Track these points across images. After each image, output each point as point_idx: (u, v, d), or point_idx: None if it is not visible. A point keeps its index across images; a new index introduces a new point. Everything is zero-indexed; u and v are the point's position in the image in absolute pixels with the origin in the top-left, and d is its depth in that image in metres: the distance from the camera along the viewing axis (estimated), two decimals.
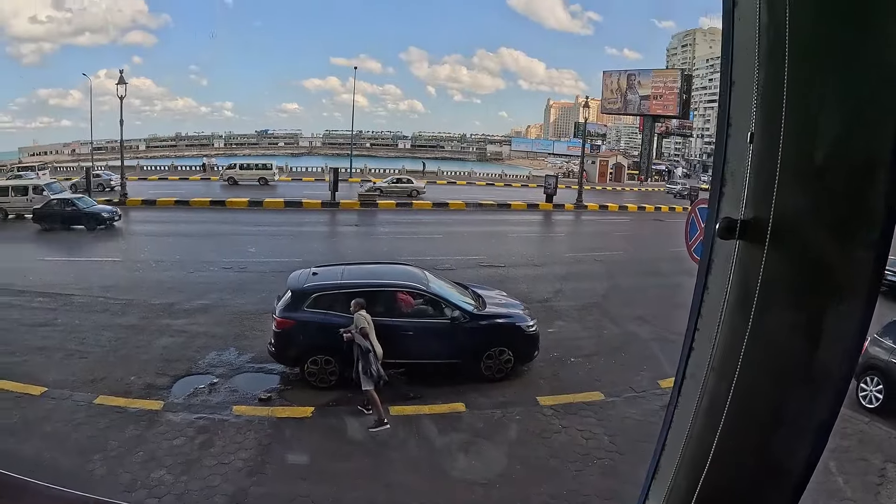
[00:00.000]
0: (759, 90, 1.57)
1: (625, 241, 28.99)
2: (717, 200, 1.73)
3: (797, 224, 1.53)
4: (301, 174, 50.13)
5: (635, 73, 72.40)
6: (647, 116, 72.21)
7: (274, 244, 23.55)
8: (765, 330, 1.60)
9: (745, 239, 1.62)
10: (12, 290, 15.78)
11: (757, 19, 1.56)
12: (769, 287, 1.57)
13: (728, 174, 1.70)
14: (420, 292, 11.34)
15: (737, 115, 1.67)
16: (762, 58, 1.55)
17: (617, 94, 73.57)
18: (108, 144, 64.81)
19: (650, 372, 11.77)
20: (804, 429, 1.61)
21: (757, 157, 1.58)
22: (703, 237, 1.86)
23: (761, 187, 1.57)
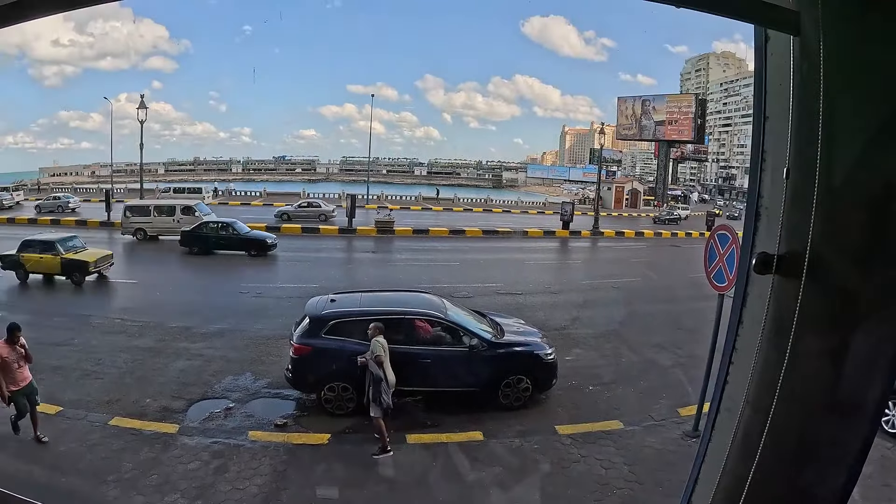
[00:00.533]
0: (794, 125, 1.56)
1: (642, 268, 28.84)
2: (752, 235, 1.72)
3: (834, 258, 1.51)
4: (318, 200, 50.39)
5: (650, 98, 72.48)
6: (662, 142, 72.18)
7: (291, 270, 23.73)
8: (801, 363, 1.57)
9: (781, 273, 1.60)
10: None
11: (790, 54, 1.55)
12: (806, 321, 1.55)
13: (763, 209, 1.68)
14: (438, 320, 11.29)
15: (771, 150, 1.66)
16: (796, 92, 1.55)
17: (632, 119, 73.64)
18: (128, 167, 65.75)
19: (669, 400, 11.61)
20: (839, 459, 1.59)
21: (792, 191, 1.57)
22: (738, 272, 1.84)
23: (797, 222, 1.55)
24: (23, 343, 9.35)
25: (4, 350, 9.19)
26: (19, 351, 9.29)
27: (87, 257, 20.49)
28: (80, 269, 20.03)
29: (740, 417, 1.74)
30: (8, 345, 9.24)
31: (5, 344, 9.24)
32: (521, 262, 27.45)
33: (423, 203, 52.47)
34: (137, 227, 28.92)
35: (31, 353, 9.42)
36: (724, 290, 9.49)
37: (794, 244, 1.55)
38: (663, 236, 41.59)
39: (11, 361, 9.19)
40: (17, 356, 9.25)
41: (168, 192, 42.66)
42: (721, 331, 9.41)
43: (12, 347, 9.24)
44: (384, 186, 66.20)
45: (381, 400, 9.37)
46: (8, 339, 9.26)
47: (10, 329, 9.33)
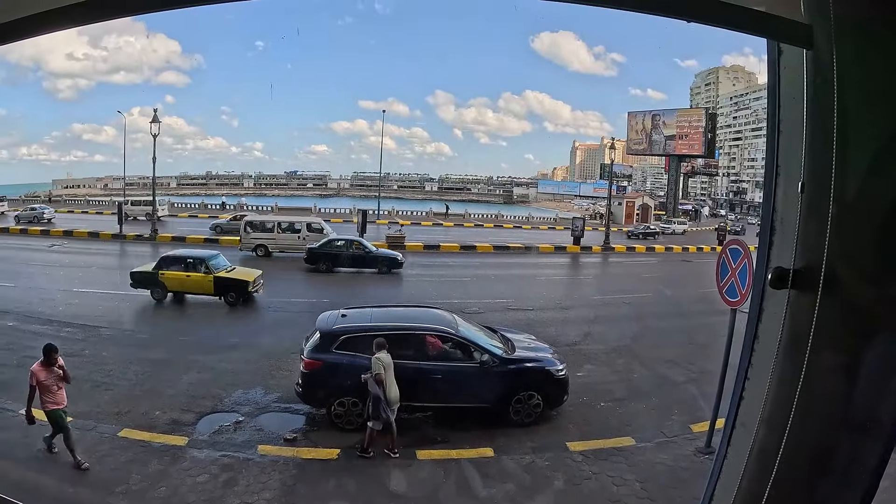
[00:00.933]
0: (808, 138, 1.55)
1: (653, 283, 28.73)
2: (767, 249, 1.70)
3: (850, 272, 1.50)
4: (330, 215, 50.69)
5: (660, 113, 72.49)
6: (672, 156, 72.08)
7: (301, 285, 23.79)
8: (817, 379, 1.56)
9: (796, 288, 1.59)
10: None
11: (803, 68, 1.55)
12: (822, 336, 1.53)
13: (777, 222, 1.67)
14: (449, 336, 11.25)
15: (785, 164, 1.65)
16: (810, 106, 1.54)
17: (642, 134, 73.60)
18: (140, 180, 66.23)
19: (682, 416, 11.53)
20: (856, 475, 1.57)
21: (807, 205, 1.56)
22: (753, 286, 1.82)
23: (812, 235, 1.54)
24: (61, 364, 9.27)
25: (42, 373, 9.11)
26: (57, 372, 9.20)
27: (243, 276, 19.90)
28: (238, 288, 19.33)
29: (756, 434, 1.72)
30: (45, 367, 9.15)
31: (42, 366, 9.16)
32: (532, 278, 27.37)
33: (433, 219, 52.53)
34: (258, 243, 28.84)
35: (69, 374, 9.37)
36: (737, 304, 9.43)
37: (810, 258, 1.54)
38: (674, 251, 41.44)
39: (50, 384, 9.11)
40: (54, 378, 9.17)
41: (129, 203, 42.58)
42: (734, 346, 9.36)
43: (49, 369, 9.15)
44: (395, 202, 66.44)
45: (380, 416, 9.46)
46: (45, 360, 9.18)
47: (46, 350, 9.26)
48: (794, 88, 1.57)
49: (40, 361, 9.19)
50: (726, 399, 9.13)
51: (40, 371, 9.12)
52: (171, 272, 19.44)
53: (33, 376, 9.10)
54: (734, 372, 1.94)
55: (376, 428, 9.55)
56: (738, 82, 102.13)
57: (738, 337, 9.40)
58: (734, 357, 9.46)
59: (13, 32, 1.82)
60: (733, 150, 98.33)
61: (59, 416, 9.23)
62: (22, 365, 13.02)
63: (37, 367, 9.16)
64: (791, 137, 1.61)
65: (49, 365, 9.16)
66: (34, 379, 9.07)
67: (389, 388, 9.54)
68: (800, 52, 1.54)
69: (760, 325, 1.75)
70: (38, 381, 9.06)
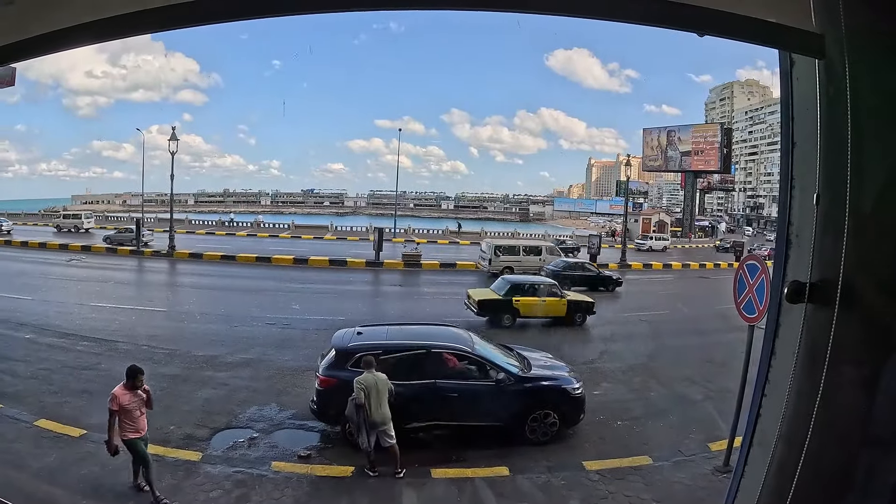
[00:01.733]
0: (823, 149, 1.53)
1: (670, 300, 28.69)
2: (783, 263, 1.68)
3: (868, 284, 1.47)
4: (346, 233, 51.01)
5: (675, 129, 72.35)
6: (688, 172, 71.86)
7: (318, 302, 23.84)
8: (836, 395, 1.53)
9: (813, 302, 1.56)
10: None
11: (816, 78, 1.53)
12: (840, 350, 1.51)
13: (793, 236, 1.65)
14: (465, 354, 11.19)
15: (800, 176, 1.63)
16: (824, 116, 1.52)
17: (657, 151, 73.49)
18: (158, 197, 67.09)
19: (700, 434, 11.39)
20: (877, 493, 1.53)
21: (823, 217, 1.54)
22: (769, 301, 1.80)
23: (829, 248, 1.52)
24: (146, 388, 8.70)
25: (125, 396, 8.48)
26: (140, 396, 8.60)
27: (588, 298, 21.80)
28: (587, 309, 20.90)
29: (774, 451, 1.69)
30: (128, 390, 8.52)
31: (126, 389, 8.52)
32: None
33: (450, 237, 52.66)
34: (506, 265, 30.61)
35: (152, 399, 8.86)
36: (755, 321, 9.32)
37: (827, 271, 1.52)
38: (691, 268, 41.23)
39: (133, 408, 8.51)
40: (138, 402, 8.57)
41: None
42: (752, 363, 9.24)
43: (133, 393, 8.53)
44: (411, 220, 66.66)
45: (359, 439, 9.50)
46: (128, 383, 8.54)
47: (132, 373, 8.63)
48: (808, 99, 1.56)
49: (123, 384, 8.54)
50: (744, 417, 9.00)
51: (123, 394, 8.47)
52: (524, 298, 20.49)
53: (115, 400, 8.41)
54: (752, 389, 1.91)
55: (363, 447, 9.52)
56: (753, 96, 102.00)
57: (756, 354, 9.29)
58: (752, 374, 9.34)
59: (31, 49, 1.85)
60: (749, 165, 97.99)
61: (140, 444, 8.68)
62: (36, 377, 13.37)
63: (119, 391, 8.50)
64: (805, 149, 1.59)
65: (133, 388, 8.55)
66: (115, 403, 8.40)
67: (374, 409, 9.39)
68: (812, 63, 1.53)
69: (777, 340, 1.72)
70: (119, 406, 8.40)
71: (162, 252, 34.71)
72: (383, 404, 9.44)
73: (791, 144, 1.64)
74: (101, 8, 1.73)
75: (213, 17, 1.85)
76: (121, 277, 28.18)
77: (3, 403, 11.75)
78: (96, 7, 1.73)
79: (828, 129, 1.51)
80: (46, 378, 13.42)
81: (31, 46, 1.78)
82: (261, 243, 40.94)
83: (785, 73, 1.65)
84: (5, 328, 17.36)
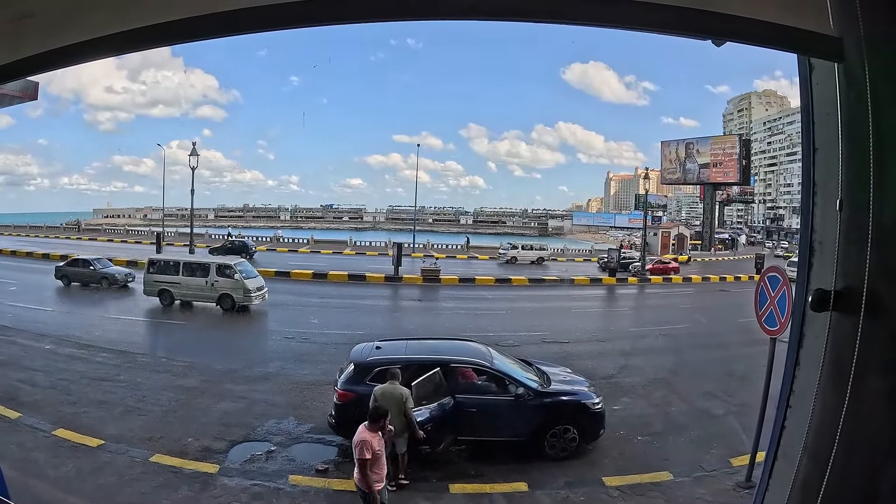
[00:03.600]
0: (845, 155, 1.51)
1: (690, 314, 28.44)
2: (807, 271, 1.65)
3: (894, 292, 1.43)
4: (365, 248, 51.24)
5: (693, 141, 71.89)
6: (707, 185, 71.27)
7: (337, 316, 23.93)
8: (862, 406, 1.49)
9: (838, 310, 1.53)
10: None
11: (836, 84, 1.51)
12: (866, 359, 1.47)
13: (816, 243, 1.62)
14: (484, 369, 11.13)
15: (822, 182, 1.60)
16: (844, 121, 1.50)
17: (676, 163, 73.03)
18: (179, 212, 67.88)
19: (721, 449, 11.20)
20: None
21: (846, 224, 1.51)
22: (793, 310, 1.76)
23: (853, 255, 1.49)
24: (390, 427, 8.11)
25: (375, 440, 7.68)
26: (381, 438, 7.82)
27: None
28: None
29: (799, 465, 1.65)
30: (374, 433, 7.75)
31: (372, 433, 7.74)
32: (568, 310, 27.15)
33: (469, 251, 52.69)
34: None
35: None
36: (776, 333, 9.17)
37: (851, 279, 1.49)
38: (712, 280, 40.88)
39: (381, 454, 7.80)
40: (381, 445, 7.82)
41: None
42: (774, 376, 9.11)
43: (378, 437, 7.78)
44: (430, 235, 66.74)
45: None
46: (373, 426, 7.79)
47: (376, 415, 7.90)
48: (828, 104, 1.53)
49: (367, 426, 7.76)
50: (767, 431, 8.87)
51: (374, 438, 7.67)
52: None
53: (368, 447, 7.54)
54: (775, 403, 1.87)
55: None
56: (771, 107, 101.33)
57: (778, 367, 9.16)
58: (774, 388, 9.23)
59: (52, 62, 1.88)
60: (768, 176, 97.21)
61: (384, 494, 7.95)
62: (55, 387, 13.55)
63: (368, 436, 7.66)
64: (827, 155, 1.57)
65: (377, 430, 7.78)
66: (369, 450, 7.55)
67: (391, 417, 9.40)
68: (831, 67, 1.50)
69: (802, 351, 1.69)
70: (373, 452, 7.59)
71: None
72: (400, 414, 9.38)
73: (812, 150, 1.62)
74: (121, 21, 1.76)
75: (226, 30, 1.87)
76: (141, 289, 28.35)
77: (23, 412, 11.90)
78: (116, 20, 1.76)
79: (849, 133, 1.48)
80: (65, 388, 13.59)
81: (51, 59, 1.81)
82: (280, 258, 41.15)
83: (804, 79, 1.63)
84: (26, 338, 17.64)
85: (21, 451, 10.35)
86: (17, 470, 9.49)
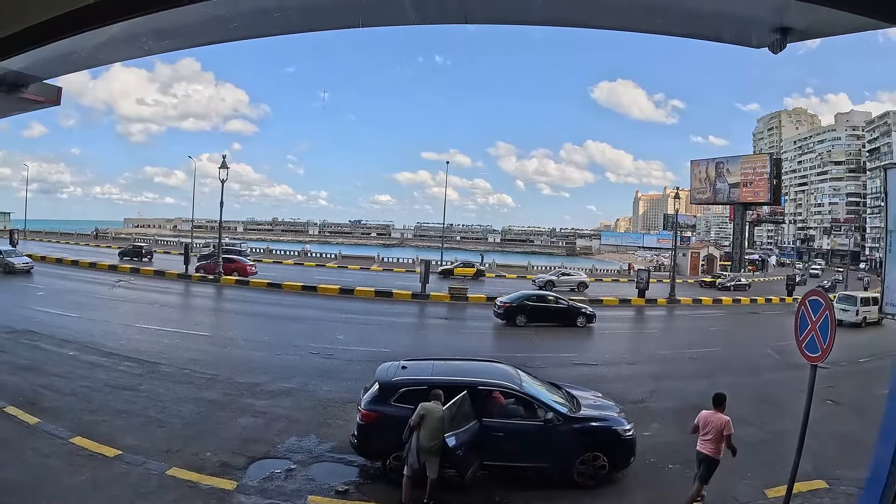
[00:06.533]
0: None
1: (721, 337, 28.08)
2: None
3: None
4: (392, 265, 51.35)
5: (723, 160, 71.38)
6: (737, 205, 70.49)
7: (362, 333, 23.85)
8: None
9: None
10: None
11: None
12: None
13: None
14: (512, 392, 10.77)
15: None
16: None
17: (705, 183, 72.52)
18: (208, 224, 68.81)
19: (755, 479, 10.77)
20: None
21: None
22: None
23: None
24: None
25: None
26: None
27: None
28: None
29: None
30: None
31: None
32: (597, 332, 26.77)
33: (497, 270, 52.53)
34: None
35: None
36: (818, 360, 8.67)
37: None
38: (742, 303, 40.16)
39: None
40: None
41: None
42: (815, 404, 8.68)
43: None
44: (458, 252, 66.71)
45: (408, 462, 9.29)
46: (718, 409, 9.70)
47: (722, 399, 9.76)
48: None
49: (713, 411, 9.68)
50: (806, 460, 8.46)
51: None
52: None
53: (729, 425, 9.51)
54: (813, 431, 1.66)
55: (406, 473, 9.31)
56: (802, 125, 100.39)
57: (818, 394, 8.76)
58: (814, 415, 8.81)
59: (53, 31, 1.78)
60: (799, 196, 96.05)
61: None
62: (76, 394, 13.55)
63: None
64: None
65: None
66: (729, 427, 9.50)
67: (425, 435, 9.17)
68: None
69: None
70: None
71: (208, 277, 35.37)
72: (437, 436, 9.15)
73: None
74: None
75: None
76: (166, 300, 28.78)
77: (41, 418, 11.86)
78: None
79: None
80: (86, 396, 13.54)
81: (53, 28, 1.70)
82: (307, 272, 41.35)
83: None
84: (50, 344, 17.79)
85: (36, 457, 10.25)
86: (31, 476, 9.47)
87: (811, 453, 9.43)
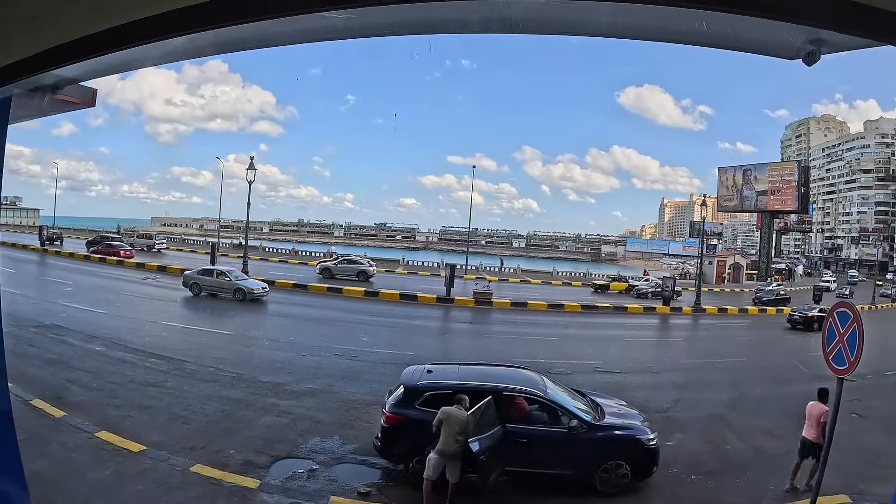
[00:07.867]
0: None
1: (747, 347, 27.77)
2: None
3: None
4: (417, 268, 51.42)
5: (751, 168, 70.26)
6: (764, 213, 69.39)
7: (386, 335, 23.93)
8: None
9: None
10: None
11: None
12: None
13: None
14: (537, 398, 10.75)
15: None
16: None
17: (732, 190, 71.46)
18: (234, 224, 69.41)
19: (779, 492, 10.71)
20: None
21: None
22: None
23: None
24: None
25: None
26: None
27: None
28: None
29: None
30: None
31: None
32: (621, 339, 26.67)
33: (521, 275, 52.35)
34: None
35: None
36: (845, 373, 8.54)
37: None
38: (768, 312, 39.62)
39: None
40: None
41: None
42: (841, 417, 8.56)
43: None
44: (482, 257, 66.56)
45: (425, 465, 9.35)
46: (823, 400, 10.56)
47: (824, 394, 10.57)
48: None
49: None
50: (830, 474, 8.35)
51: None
52: None
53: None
54: (839, 444, 1.63)
55: (424, 475, 9.33)
56: (830, 132, 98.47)
57: (844, 407, 8.64)
58: (840, 428, 8.68)
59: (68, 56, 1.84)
60: (827, 205, 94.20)
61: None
62: (102, 389, 13.83)
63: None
64: None
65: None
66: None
67: (445, 439, 9.22)
68: None
69: None
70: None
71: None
72: (457, 440, 9.19)
73: None
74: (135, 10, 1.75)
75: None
76: (192, 299, 28.92)
77: (67, 412, 12.09)
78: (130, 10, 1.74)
79: None
80: (112, 391, 13.81)
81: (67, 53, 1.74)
82: None
83: None
84: (77, 339, 18.12)
85: (62, 450, 10.47)
86: (57, 469, 9.62)
87: (835, 467, 9.31)
